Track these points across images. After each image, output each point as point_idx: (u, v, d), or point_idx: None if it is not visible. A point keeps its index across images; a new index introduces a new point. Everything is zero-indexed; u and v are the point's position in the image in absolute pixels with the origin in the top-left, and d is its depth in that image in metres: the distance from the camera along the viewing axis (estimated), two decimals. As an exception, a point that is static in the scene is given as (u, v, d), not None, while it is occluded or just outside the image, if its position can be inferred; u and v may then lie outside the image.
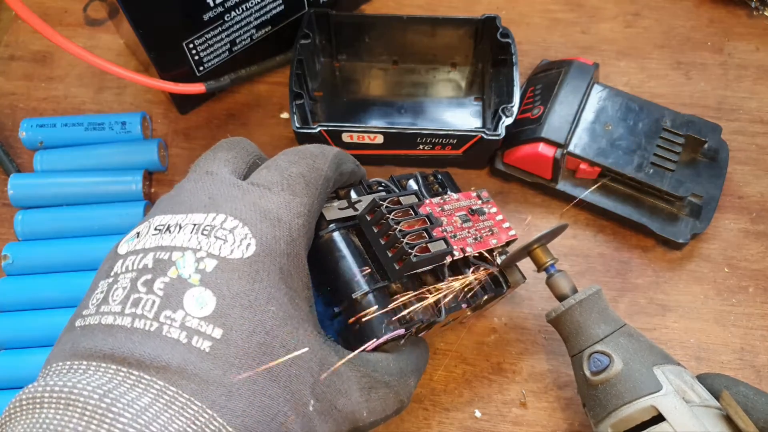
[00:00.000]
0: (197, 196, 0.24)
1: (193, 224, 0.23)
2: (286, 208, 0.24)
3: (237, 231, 0.23)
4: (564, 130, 0.36)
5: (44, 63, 0.44)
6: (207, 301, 0.21)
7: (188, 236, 0.22)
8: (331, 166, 0.27)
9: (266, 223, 0.23)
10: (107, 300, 0.22)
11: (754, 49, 0.44)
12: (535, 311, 0.36)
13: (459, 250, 0.30)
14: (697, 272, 0.37)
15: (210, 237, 0.22)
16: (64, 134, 0.39)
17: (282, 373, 0.21)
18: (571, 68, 0.38)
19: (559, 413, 0.34)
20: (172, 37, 0.36)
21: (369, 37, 0.41)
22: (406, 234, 0.27)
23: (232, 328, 0.21)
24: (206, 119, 0.42)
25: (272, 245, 0.23)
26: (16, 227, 0.37)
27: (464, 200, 0.33)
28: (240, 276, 0.22)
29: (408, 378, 0.27)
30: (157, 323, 0.21)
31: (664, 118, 0.38)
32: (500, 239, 0.33)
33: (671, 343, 0.35)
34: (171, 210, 0.24)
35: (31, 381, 0.34)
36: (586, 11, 0.45)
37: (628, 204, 0.37)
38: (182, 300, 0.21)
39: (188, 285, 0.21)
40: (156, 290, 0.21)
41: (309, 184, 0.25)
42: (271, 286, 0.22)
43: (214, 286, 0.21)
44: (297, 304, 0.23)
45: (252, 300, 0.22)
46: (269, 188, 0.24)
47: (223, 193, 0.24)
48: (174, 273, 0.21)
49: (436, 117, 0.40)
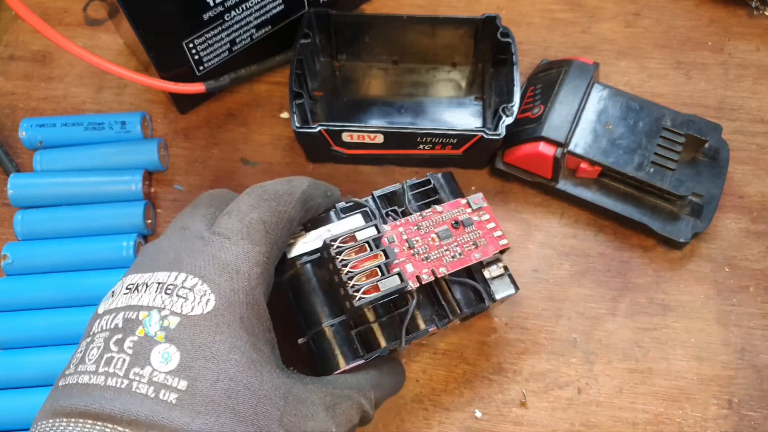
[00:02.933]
0: (165, 254, 0.26)
1: (158, 283, 0.24)
2: (244, 258, 0.25)
3: (197, 288, 0.24)
4: (564, 130, 0.36)
5: (44, 63, 0.44)
6: (172, 356, 0.23)
7: (153, 295, 0.24)
8: (296, 206, 0.28)
9: (224, 277, 0.25)
10: (84, 359, 0.24)
11: (754, 48, 0.44)
12: (536, 311, 0.36)
13: (430, 273, 0.30)
14: (698, 272, 0.37)
15: (173, 296, 0.24)
16: (63, 134, 0.39)
17: (248, 412, 0.23)
18: (571, 68, 0.38)
19: (560, 413, 0.34)
20: (172, 36, 0.36)
21: (369, 36, 0.41)
22: (353, 275, 0.28)
23: (197, 378, 0.22)
24: (206, 119, 0.42)
25: (231, 298, 0.24)
26: (16, 227, 0.37)
27: (449, 211, 0.32)
28: (201, 330, 0.23)
29: (367, 391, 0.28)
30: (127, 380, 0.22)
31: (665, 117, 0.37)
32: (486, 252, 0.31)
33: (672, 342, 0.35)
34: (141, 268, 0.26)
35: (31, 381, 0.34)
36: (586, 11, 0.45)
37: (629, 203, 0.37)
38: (149, 357, 0.23)
39: (154, 342, 0.23)
40: (126, 349, 0.23)
41: (269, 230, 0.27)
42: (232, 336, 0.24)
43: (178, 342, 0.23)
44: (259, 348, 0.25)
45: (214, 351, 0.23)
46: (229, 238, 0.26)
47: (188, 248, 0.26)
48: (141, 332, 0.23)
49: (436, 117, 0.40)
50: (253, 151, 0.41)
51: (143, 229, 0.37)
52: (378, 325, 0.29)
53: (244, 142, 0.41)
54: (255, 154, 0.40)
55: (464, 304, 0.31)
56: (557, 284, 0.37)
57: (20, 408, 0.33)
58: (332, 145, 0.37)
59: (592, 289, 0.37)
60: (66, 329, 0.35)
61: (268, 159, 0.40)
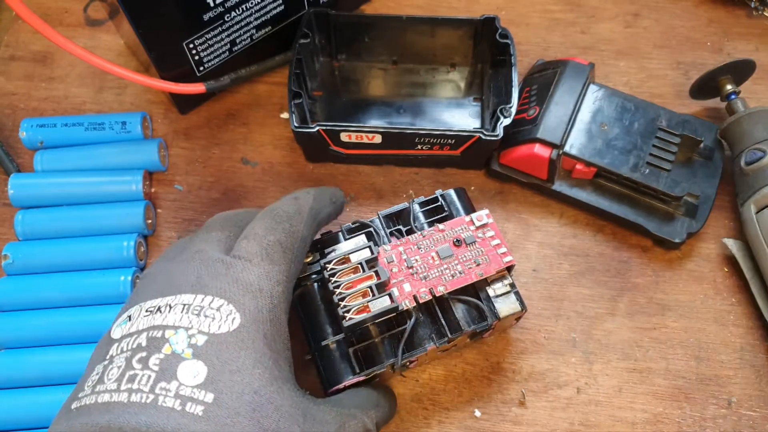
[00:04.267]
0: (186, 277, 0.26)
1: (183, 304, 0.25)
2: (266, 278, 0.26)
3: (223, 308, 0.25)
4: (560, 131, 0.36)
5: (44, 63, 0.44)
6: (199, 371, 0.23)
7: (179, 315, 0.24)
8: (307, 224, 0.29)
9: (248, 296, 0.25)
10: (102, 380, 0.23)
11: (753, 49, 0.44)
12: (536, 311, 0.36)
13: (428, 292, 0.30)
14: (697, 272, 0.37)
15: (200, 316, 0.24)
16: (64, 134, 0.39)
17: (272, 426, 0.23)
18: (566, 68, 0.38)
19: (559, 412, 0.34)
20: (172, 37, 0.36)
21: (368, 37, 0.41)
22: (345, 296, 0.29)
23: (223, 391, 0.23)
24: (206, 119, 0.42)
25: (255, 315, 0.25)
26: (16, 227, 0.37)
27: (451, 229, 0.32)
28: (228, 346, 0.24)
29: (368, 410, 0.29)
30: (152, 395, 0.22)
31: (660, 117, 0.38)
32: (488, 270, 0.31)
33: (671, 342, 0.35)
34: (161, 292, 0.26)
35: (31, 381, 0.34)
36: (585, 11, 0.45)
37: (625, 204, 0.37)
38: (176, 372, 0.23)
39: (181, 359, 0.23)
40: (151, 366, 0.23)
41: (286, 250, 0.28)
42: (256, 352, 0.24)
43: (205, 358, 0.23)
44: (280, 365, 0.25)
45: (240, 365, 0.24)
46: (250, 260, 0.27)
47: (210, 271, 0.26)
48: (168, 349, 0.23)
49: (435, 117, 0.41)
50: (253, 151, 0.41)
51: (143, 229, 0.37)
52: (380, 341, 0.30)
53: (244, 142, 0.41)
54: (255, 154, 0.41)
55: (466, 322, 0.31)
56: (556, 284, 0.37)
57: (20, 408, 0.33)
58: (331, 145, 0.37)
59: (591, 288, 0.37)
60: (66, 329, 0.35)
61: (268, 159, 0.40)
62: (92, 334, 0.34)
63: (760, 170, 0.35)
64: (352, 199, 0.39)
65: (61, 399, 0.33)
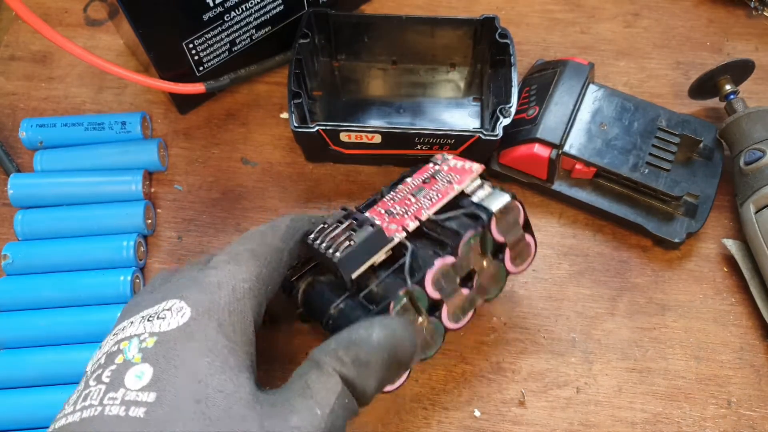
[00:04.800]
0: (154, 296, 0.26)
1: (142, 316, 0.25)
2: (229, 276, 0.26)
3: (174, 307, 0.24)
4: (559, 131, 0.36)
5: (44, 63, 0.44)
6: (145, 373, 0.22)
7: (136, 326, 0.24)
8: (284, 238, 0.29)
9: (204, 293, 0.25)
10: (63, 408, 0.23)
11: (753, 49, 0.44)
12: (535, 311, 0.36)
13: (412, 218, 0.30)
14: (696, 272, 0.37)
15: (153, 321, 0.24)
16: (64, 134, 0.39)
17: (221, 415, 0.22)
18: (566, 68, 0.38)
19: (559, 413, 0.34)
20: (172, 37, 0.36)
21: (368, 37, 0.41)
22: (329, 246, 0.28)
23: (165, 388, 0.22)
24: (206, 119, 0.42)
25: (207, 306, 0.24)
26: (16, 227, 0.37)
27: (419, 177, 0.33)
28: (176, 342, 0.23)
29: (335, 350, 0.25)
30: (100, 407, 0.22)
31: (660, 117, 0.38)
32: (462, 180, 0.31)
33: (670, 342, 0.35)
34: (129, 315, 0.26)
35: (31, 381, 0.34)
36: (585, 11, 0.45)
37: (624, 204, 0.37)
38: (123, 379, 0.22)
39: (131, 365, 0.23)
40: (104, 379, 0.23)
41: (257, 256, 0.27)
42: (206, 340, 0.23)
43: (153, 359, 0.23)
44: (238, 354, 0.24)
45: (184, 358, 0.23)
46: (216, 267, 0.26)
47: (177, 285, 0.26)
48: (120, 359, 0.23)
49: (434, 117, 0.41)
50: (253, 151, 0.41)
51: (143, 230, 0.37)
52: (383, 286, 0.29)
53: (244, 142, 0.41)
54: (255, 154, 0.41)
55: (463, 229, 0.29)
56: (556, 284, 0.37)
57: (20, 408, 0.33)
58: (330, 145, 0.37)
59: (591, 288, 0.37)
60: (66, 329, 0.35)
61: (268, 159, 0.40)
62: (92, 334, 0.34)
63: (759, 170, 0.35)
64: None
65: (60, 399, 0.33)
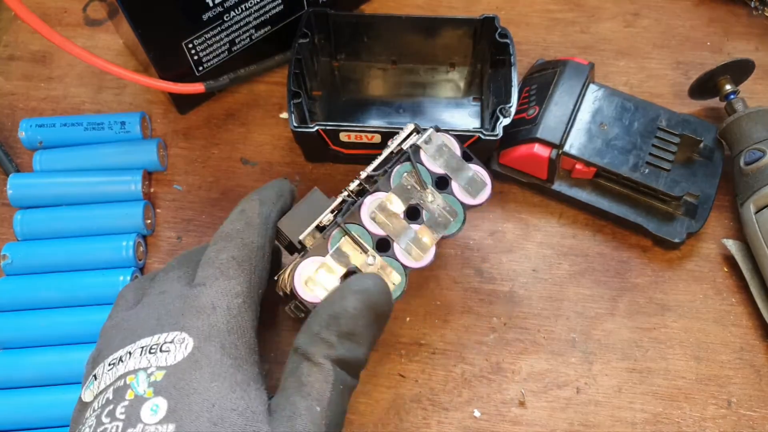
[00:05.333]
0: (147, 322, 0.26)
1: (141, 347, 0.25)
2: (222, 295, 0.26)
3: (176, 339, 0.25)
4: (559, 131, 0.36)
5: (44, 63, 0.44)
6: (160, 406, 0.23)
7: (138, 359, 0.25)
8: (260, 233, 0.29)
9: (201, 319, 0.25)
10: None
11: (753, 48, 0.44)
12: (535, 311, 0.36)
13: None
14: (696, 272, 0.37)
15: (157, 353, 0.25)
16: (63, 134, 0.39)
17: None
18: (566, 68, 0.38)
19: (559, 413, 0.34)
20: (172, 37, 0.36)
21: (368, 36, 0.41)
22: None
23: (182, 417, 0.23)
24: (206, 119, 0.42)
25: (208, 332, 0.25)
26: (16, 227, 0.37)
27: None
28: (184, 373, 0.24)
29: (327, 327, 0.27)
30: None
31: (660, 117, 0.38)
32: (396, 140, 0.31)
33: (670, 342, 0.35)
34: (122, 344, 0.26)
35: (31, 381, 0.34)
36: (585, 11, 0.45)
37: (624, 204, 0.37)
38: (140, 414, 0.23)
39: (144, 399, 0.23)
40: (118, 416, 0.23)
41: (242, 263, 0.27)
42: (212, 365, 0.24)
43: (165, 391, 0.23)
44: (244, 369, 0.25)
45: (196, 386, 0.24)
46: (204, 284, 0.26)
47: (168, 310, 0.26)
48: (131, 395, 0.23)
49: (434, 117, 0.40)
50: (252, 151, 0.41)
51: (143, 229, 0.37)
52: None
53: (244, 142, 0.41)
54: (254, 154, 0.41)
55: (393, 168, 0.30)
56: (556, 284, 0.37)
57: (20, 408, 0.33)
58: (330, 145, 0.37)
59: (591, 288, 0.37)
60: (66, 329, 0.35)
61: (267, 159, 0.40)
62: (91, 334, 0.34)
63: (759, 170, 0.35)
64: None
65: (60, 399, 0.33)
